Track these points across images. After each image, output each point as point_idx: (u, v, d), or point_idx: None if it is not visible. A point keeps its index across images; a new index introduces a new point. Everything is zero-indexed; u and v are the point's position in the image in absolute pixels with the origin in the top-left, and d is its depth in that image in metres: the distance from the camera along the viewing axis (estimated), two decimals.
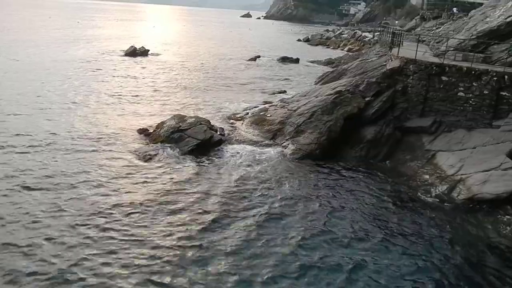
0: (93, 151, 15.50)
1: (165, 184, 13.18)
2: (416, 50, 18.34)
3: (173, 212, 11.50)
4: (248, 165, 15.16)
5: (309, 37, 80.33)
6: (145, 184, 13.06)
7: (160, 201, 12.03)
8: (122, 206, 11.62)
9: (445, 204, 13.12)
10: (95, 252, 9.50)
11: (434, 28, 32.60)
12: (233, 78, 32.82)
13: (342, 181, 14.51)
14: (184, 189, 12.96)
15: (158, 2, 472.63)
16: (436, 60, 18.23)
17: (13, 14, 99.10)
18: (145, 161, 14.80)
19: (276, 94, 26.95)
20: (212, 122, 18.53)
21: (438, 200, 13.35)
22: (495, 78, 16.02)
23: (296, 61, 44.40)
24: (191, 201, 12.18)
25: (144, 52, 43.34)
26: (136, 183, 13.08)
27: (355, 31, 78.88)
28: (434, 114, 17.30)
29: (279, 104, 20.70)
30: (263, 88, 29.52)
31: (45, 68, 31.56)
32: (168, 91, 26.80)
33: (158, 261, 9.39)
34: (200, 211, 11.69)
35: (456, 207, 12.90)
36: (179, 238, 10.30)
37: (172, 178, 13.61)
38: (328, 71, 30.03)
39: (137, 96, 24.68)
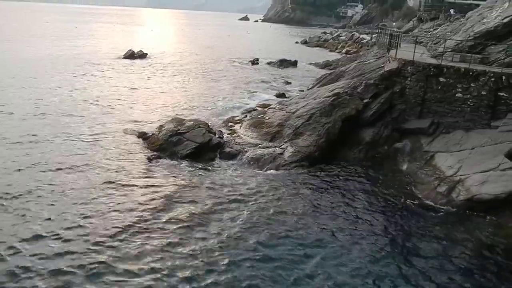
0: (91, 154, 15.48)
1: (162, 187, 13.14)
2: (414, 52, 18.38)
3: (172, 215, 11.47)
4: (247, 168, 15.15)
5: (307, 39, 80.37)
6: (142, 188, 13.02)
7: (157, 204, 12.01)
8: (121, 207, 11.60)
9: (444, 205, 13.10)
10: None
11: (431, 29, 32.74)
12: (231, 81, 32.84)
13: (341, 183, 14.50)
14: (183, 192, 12.93)
15: (156, 6, 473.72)
16: (433, 61, 18.28)
17: (12, 17, 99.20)
18: (144, 164, 14.78)
19: (274, 97, 26.99)
20: (211, 125, 18.55)
21: (437, 201, 13.32)
22: (492, 79, 16.04)
23: (294, 63, 44.41)
24: (189, 205, 12.15)
25: (142, 56, 43.48)
26: (134, 187, 13.05)
27: (353, 33, 78.97)
28: (432, 115, 17.31)
29: (278, 106, 20.70)
30: (262, 90, 29.55)
31: (43, 71, 31.57)
32: (166, 94, 26.82)
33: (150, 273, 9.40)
34: (198, 214, 11.66)
35: (455, 208, 12.89)
36: (176, 242, 10.30)
37: (170, 182, 13.58)
38: (326, 73, 29.96)
39: (135, 99, 24.69)
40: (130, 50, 43.58)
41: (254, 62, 44.47)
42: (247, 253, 10.00)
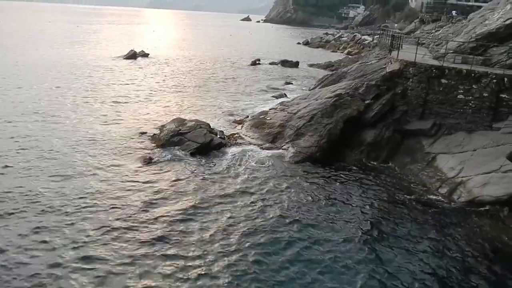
0: (94, 153, 15.51)
1: (163, 187, 13.13)
2: (416, 53, 18.38)
3: (171, 214, 11.49)
4: (248, 169, 15.13)
5: (309, 40, 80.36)
6: (143, 187, 13.03)
7: (157, 204, 12.01)
8: (119, 207, 11.64)
9: (446, 206, 13.09)
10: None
11: (433, 31, 32.74)
12: (233, 82, 32.87)
13: (342, 184, 14.49)
14: (183, 192, 12.93)
15: (158, 7, 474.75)
16: (435, 62, 18.26)
17: (14, 16, 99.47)
18: (145, 164, 14.79)
19: (276, 97, 27.00)
20: (212, 126, 18.55)
21: (438, 202, 13.32)
22: (494, 81, 16.02)
23: (296, 64, 44.40)
24: (190, 205, 12.14)
25: (144, 56, 43.54)
26: (134, 186, 13.05)
27: (355, 34, 78.97)
28: (434, 116, 17.30)
29: (279, 107, 20.71)
30: (263, 91, 29.57)
31: (47, 71, 31.64)
32: (168, 94, 26.83)
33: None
34: (198, 214, 11.67)
35: (456, 210, 12.88)
36: (174, 246, 10.32)
37: (170, 182, 13.57)
38: (327, 74, 30.01)
39: (137, 99, 24.72)
40: (132, 50, 43.63)
41: (256, 62, 44.48)
42: (248, 253, 10.04)
